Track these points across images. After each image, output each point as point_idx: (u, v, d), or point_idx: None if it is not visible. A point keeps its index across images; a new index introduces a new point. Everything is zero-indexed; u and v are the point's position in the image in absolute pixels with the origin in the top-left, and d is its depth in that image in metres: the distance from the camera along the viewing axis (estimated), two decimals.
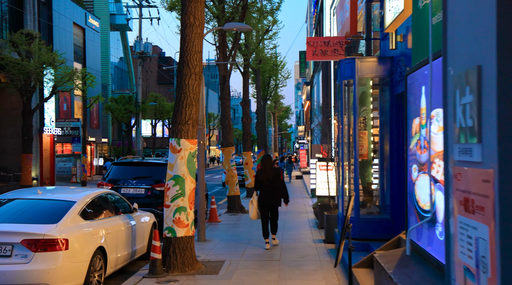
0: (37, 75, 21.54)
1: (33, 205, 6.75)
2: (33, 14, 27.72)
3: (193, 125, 7.70)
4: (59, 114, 32.60)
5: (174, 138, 7.65)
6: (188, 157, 7.61)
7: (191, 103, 7.66)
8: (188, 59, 7.68)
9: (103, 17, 48.88)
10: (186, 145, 7.61)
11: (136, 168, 11.81)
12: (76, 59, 36.16)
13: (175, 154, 7.59)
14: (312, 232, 11.36)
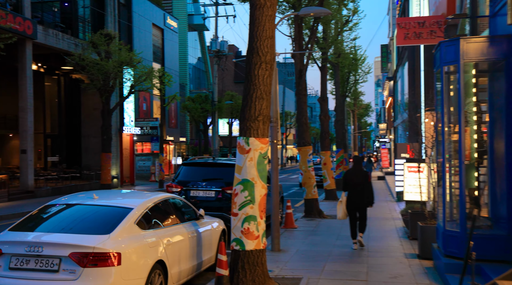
0: (115, 75, 21.66)
1: (86, 212, 6.07)
2: (113, 16, 28.21)
3: (264, 122, 6.70)
4: (139, 114, 33.11)
5: (242, 137, 6.69)
6: (258, 158, 6.62)
7: (261, 97, 6.67)
8: (257, 46, 6.69)
9: (181, 17, 49.50)
10: (256, 144, 6.62)
11: (206, 169, 11.04)
12: (155, 59, 36.65)
13: (244, 155, 6.63)
14: (402, 244, 9.97)
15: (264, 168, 6.71)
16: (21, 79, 21.37)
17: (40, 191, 21.51)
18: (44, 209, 6.22)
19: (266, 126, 6.73)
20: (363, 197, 9.64)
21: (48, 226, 5.81)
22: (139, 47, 32.03)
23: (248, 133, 6.65)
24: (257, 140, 6.63)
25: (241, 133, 6.73)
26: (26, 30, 20.72)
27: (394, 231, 11.74)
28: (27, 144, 21.26)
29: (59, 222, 5.89)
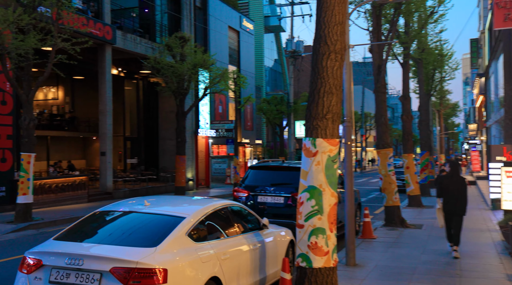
0: (189, 77, 21.57)
1: (135, 220, 5.52)
2: (189, 19, 28.38)
3: (333, 121, 5.82)
4: (215, 117, 33.13)
5: (309, 138, 5.86)
6: (327, 162, 5.75)
7: (330, 91, 5.79)
8: (325, 34, 5.84)
9: (257, 19, 49.33)
10: (323, 146, 5.76)
11: (275, 173, 10.29)
12: (230, 62, 36.60)
13: (310, 158, 5.79)
14: (503, 262, 8.58)
15: (334, 173, 5.82)
16: (101, 83, 21.89)
17: (118, 193, 21.89)
18: (92, 216, 5.76)
19: (336, 125, 5.85)
20: (461, 203, 9.23)
21: (92, 236, 5.32)
22: (214, 49, 32.05)
23: (315, 133, 5.80)
24: (325, 141, 5.76)
25: (307, 134, 5.90)
26: (105, 35, 21.17)
27: (491, 245, 10.28)
28: (106, 146, 21.72)
29: (104, 231, 5.38)
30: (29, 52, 14.09)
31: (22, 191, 14.15)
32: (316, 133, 5.79)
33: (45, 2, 14.05)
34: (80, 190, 19.63)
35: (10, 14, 13.11)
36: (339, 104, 5.87)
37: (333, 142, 5.80)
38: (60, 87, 30.35)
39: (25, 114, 14.31)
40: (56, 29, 14.23)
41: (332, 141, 5.79)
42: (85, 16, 20.14)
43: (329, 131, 5.79)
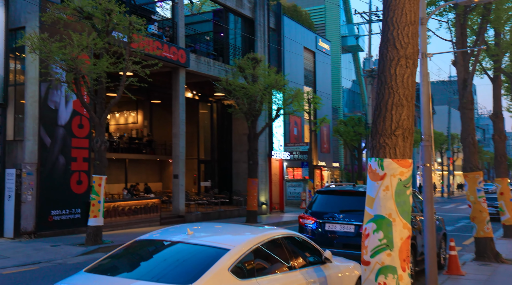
0: (261, 98, 21.16)
1: (172, 252, 4.88)
2: (263, 41, 28.21)
3: (404, 138, 4.90)
4: (289, 139, 32.49)
5: (375, 159, 4.97)
6: (397, 187, 4.83)
7: (400, 103, 4.90)
8: (394, 36, 4.98)
9: (334, 39, 48.51)
10: (393, 167, 4.85)
11: (345, 198, 9.35)
12: (306, 83, 35.97)
13: (376, 182, 4.90)
14: None
15: (406, 200, 4.88)
16: (174, 106, 22.07)
17: (190, 216, 21.72)
18: (130, 245, 5.22)
19: (407, 143, 4.93)
20: None
21: (125, 269, 4.75)
22: (289, 70, 31.61)
23: (382, 153, 4.91)
24: (394, 162, 4.85)
25: (372, 153, 5.02)
26: (179, 59, 21.39)
27: None
28: (178, 168, 21.72)
29: (139, 264, 4.80)
30: (102, 75, 14.31)
31: (93, 213, 14.22)
32: (384, 153, 4.90)
33: (118, 27, 14.26)
34: (152, 213, 19.64)
35: (84, 39, 13.39)
36: (411, 118, 4.95)
37: (404, 163, 4.87)
38: (139, 112, 31.23)
39: (97, 136, 14.48)
40: (127, 52, 14.37)
41: (403, 162, 4.87)
42: (160, 40, 20.46)
43: (399, 151, 4.88)
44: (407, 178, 4.87)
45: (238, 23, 27.59)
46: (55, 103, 15.90)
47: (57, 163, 15.93)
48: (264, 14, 28.57)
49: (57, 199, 15.84)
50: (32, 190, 15.12)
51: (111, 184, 26.46)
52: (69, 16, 14.42)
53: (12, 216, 14.67)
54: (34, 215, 15.20)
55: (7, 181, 14.81)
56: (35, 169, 15.25)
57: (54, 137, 15.84)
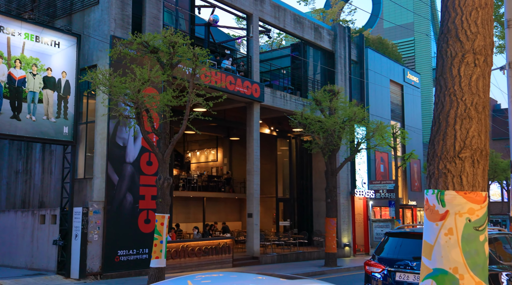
0: (338, 132, 19.86)
1: None
2: (343, 74, 27.05)
3: (475, 162, 3.52)
4: (375, 176, 30.50)
5: (432, 191, 3.64)
6: (465, 230, 3.44)
7: (467, 115, 3.56)
8: (456, 25, 3.70)
9: (425, 72, 46.07)
10: (458, 203, 3.48)
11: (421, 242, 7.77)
12: (393, 117, 33.99)
13: (435, 223, 3.54)
14: None
15: (480, 249, 3.45)
16: (248, 141, 21.41)
17: (265, 258, 20.55)
18: None
19: (479, 170, 3.54)
20: None
21: None
22: (374, 104, 30.02)
23: (442, 182, 3.56)
24: (460, 195, 3.48)
25: (429, 184, 3.69)
26: (253, 93, 20.84)
27: None
28: (253, 207, 20.80)
29: None
30: (165, 110, 13.96)
31: (155, 254, 13.56)
32: (445, 183, 3.55)
33: (182, 59, 13.93)
34: (224, 254, 18.74)
35: (146, 72, 13.14)
36: (483, 135, 3.58)
37: (475, 197, 3.48)
38: (219, 149, 31.07)
39: (160, 173, 13.99)
40: (191, 85, 13.94)
41: (474, 195, 3.48)
42: (233, 75, 20.09)
43: (467, 180, 3.50)
44: (479, 218, 3.47)
45: (317, 56, 26.75)
46: (123, 140, 15.80)
47: (125, 201, 15.67)
48: (345, 46, 27.51)
49: (124, 239, 15.48)
50: (99, 229, 14.89)
51: (189, 222, 26.13)
52: (138, 51, 14.39)
53: (78, 256, 14.45)
54: (101, 255, 14.90)
55: (75, 219, 14.72)
56: (102, 207, 15.06)
57: (122, 175, 15.66)
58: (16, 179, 18.30)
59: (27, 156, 17.96)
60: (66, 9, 17.14)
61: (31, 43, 14.09)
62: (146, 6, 17.13)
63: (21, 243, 16.44)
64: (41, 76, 14.38)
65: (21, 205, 17.93)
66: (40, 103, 14.31)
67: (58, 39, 14.88)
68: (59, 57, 14.92)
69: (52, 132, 14.58)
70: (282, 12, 23.68)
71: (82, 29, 16.35)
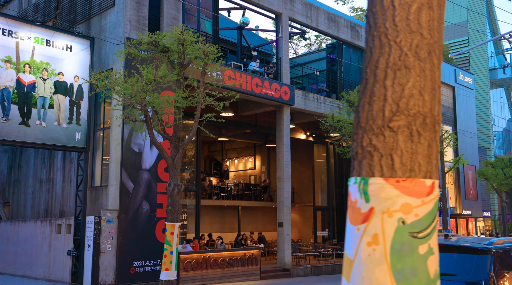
0: None
1: None
2: None
3: (414, 134, 2.28)
4: None
5: (354, 179, 2.45)
6: (396, 238, 2.20)
7: (404, 65, 2.33)
8: None
9: (481, 73, 43.26)
10: (387, 195, 2.23)
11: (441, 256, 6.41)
12: (444, 121, 31.82)
13: (356, 227, 2.35)
14: None
15: (421, 267, 2.22)
16: (278, 146, 20.35)
17: (297, 270, 19.29)
18: None
19: (421, 146, 2.32)
20: None
21: None
22: None
23: (366, 166, 2.36)
24: (390, 184, 2.27)
25: (352, 169, 2.51)
26: (282, 96, 19.80)
27: None
28: (283, 216, 19.66)
29: None
30: (175, 112, 13.19)
31: (165, 265, 12.71)
32: (370, 166, 2.35)
33: (192, 57, 13.12)
34: (251, 265, 17.66)
35: (151, 72, 12.41)
36: (429, 94, 2.35)
37: (414, 187, 2.25)
38: (257, 157, 30.13)
39: (171, 179, 13.17)
40: (202, 84, 13.10)
41: (412, 184, 2.24)
42: (259, 77, 19.14)
43: (401, 160, 2.27)
44: (420, 219, 2.24)
45: (355, 56, 25.32)
46: (139, 146, 15.16)
47: (141, 210, 14.98)
48: None
49: (140, 249, 14.77)
50: (112, 239, 14.26)
51: (224, 232, 25.25)
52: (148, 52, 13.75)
53: (91, 267, 13.85)
54: (115, 266, 14.25)
55: (87, 229, 14.18)
56: (116, 216, 14.43)
57: (137, 182, 14.99)
58: (40, 188, 18.13)
59: (50, 164, 17.74)
60: (85, 14, 16.86)
61: (41, 47, 13.77)
62: (164, 7, 16.54)
63: (40, 253, 16.12)
64: (52, 81, 14.02)
65: (44, 214, 17.70)
66: (51, 108, 13.94)
67: (70, 43, 14.52)
68: (71, 61, 14.53)
69: (63, 138, 14.15)
70: (315, 10, 22.53)
71: (99, 33, 15.97)
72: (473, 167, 33.10)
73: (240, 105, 21.14)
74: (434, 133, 2.40)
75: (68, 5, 17.68)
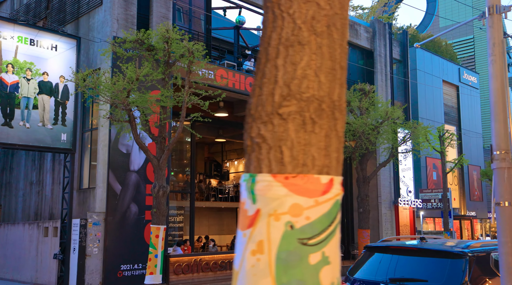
0: (367, 134, 17.96)
1: None
2: (384, 73, 25.01)
3: (308, 122, 1.89)
4: (427, 185, 27.97)
5: (244, 176, 2.09)
6: (283, 245, 1.83)
7: (298, 41, 1.97)
8: None
9: (486, 72, 42.56)
10: (274, 195, 1.86)
11: (404, 260, 5.99)
12: (447, 120, 31.30)
13: (243, 233, 2.00)
14: None
15: (312, 280, 1.86)
16: None
17: None
18: None
19: (316, 136, 1.94)
20: None
21: None
22: (424, 106, 27.69)
23: (254, 160, 2.00)
24: (278, 181, 1.88)
25: (246, 166, 2.14)
26: None
27: None
28: None
29: None
30: (160, 111, 12.88)
31: (149, 269, 12.40)
32: (258, 160, 1.99)
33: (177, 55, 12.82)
34: None
35: (132, 71, 12.08)
36: (327, 75, 1.98)
37: (305, 184, 1.86)
38: None
39: (156, 180, 12.85)
40: (187, 83, 12.77)
41: (303, 181, 1.86)
42: (253, 76, 18.80)
43: (292, 152, 1.90)
44: (312, 222, 1.85)
45: (354, 55, 24.91)
46: (127, 147, 14.87)
47: (129, 212, 14.68)
48: (386, 44, 25.48)
49: (128, 252, 14.45)
50: (99, 242, 13.96)
51: (223, 235, 24.91)
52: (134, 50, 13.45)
53: (76, 270, 13.56)
54: (101, 270, 13.94)
55: (73, 232, 13.90)
56: (103, 219, 14.13)
57: (125, 184, 14.69)
58: (30, 190, 17.90)
59: (40, 166, 17.51)
60: (74, 13, 16.63)
61: (25, 46, 13.53)
62: (153, 5, 16.26)
63: (28, 257, 15.88)
64: (36, 81, 13.78)
65: (34, 217, 17.46)
66: (35, 109, 13.68)
67: (55, 42, 14.27)
68: (56, 61, 14.28)
69: (48, 139, 13.89)
70: None
71: (87, 32, 15.71)
72: (477, 167, 32.51)
73: (236, 106, 20.81)
74: (334, 121, 2.03)
75: (57, 5, 17.47)
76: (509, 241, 3.90)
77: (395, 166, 22.95)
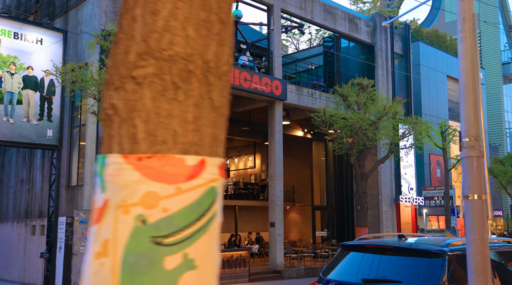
0: (364, 130, 17.47)
1: None
2: (385, 68, 24.47)
3: (169, 88, 1.49)
4: (431, 182, 27.41)
5: (96, 160, 1.66)
6: (131, 246, 1.42)
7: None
8: None
9: (492, 68, 41.86)
10: (124, 181, 1.45)
11: (382, 259, 5.54)
12: (452, 116, 30.71)
13: (92, 228, 1.59)
14: None
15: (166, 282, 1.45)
16: (270, 144, 19.56)
17: (290, 272, 18.48)
18: None
19: (180, 105, 1.50)
20: None
21: None
22: (428, 102, 27.17)
23: (105, 139, 1.60)
24: (130, 163, 1.45)
25: (102, 146, 1.71)
26: (273, 91, 19.00)
27: None
28: (275, 216, 18.87)
29: None
30: None
31: None
32: (109, 138, 1.57)
33: None
34: (238, 267, 16.91)
35: None
36: (199, 31, 1.55)
37: (164, 167, 1.43)
38: (257, 155, 29.38)
39: None
40: None
41: (160, 162, 1.44)
42: (248, 71, 18.36)
43: (147, 127, 1.48)
44: (172, 215, 1.42)
45: (354, 50, 24.39)
46: None
47: None
48: (387, 38, 24.95)
49: None
50: (86, 241, 13.59)
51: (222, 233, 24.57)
52: None
53: (62, 270, 13.23)
54: None
55: (59, 230, 13.56)
56: (89, 217, 13.76)
57: None
58: (21, 188, 17.62)
59: (30, 163, 17.21)
60: (63, 7, 16.30)
61: (8, 40, 13.20)
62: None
63: (16, 256, 15.59)
64: (20, 75, 13.44)
65: (24, 215, 17.17)
66: (19, 104, 13.36)
67: (41, 36, 13.93)
68: (42, 55, 13.94)
69: (33, 136, 13.56)
70: (309, 2, 21.68)
71: (76, 26, 15.37)
72: None
73: (232, 101, 20.31)
74: (207, 87, 1.59)
75: None
76: (478, 238, 3.45)
77: (395, 162, 22.44)
